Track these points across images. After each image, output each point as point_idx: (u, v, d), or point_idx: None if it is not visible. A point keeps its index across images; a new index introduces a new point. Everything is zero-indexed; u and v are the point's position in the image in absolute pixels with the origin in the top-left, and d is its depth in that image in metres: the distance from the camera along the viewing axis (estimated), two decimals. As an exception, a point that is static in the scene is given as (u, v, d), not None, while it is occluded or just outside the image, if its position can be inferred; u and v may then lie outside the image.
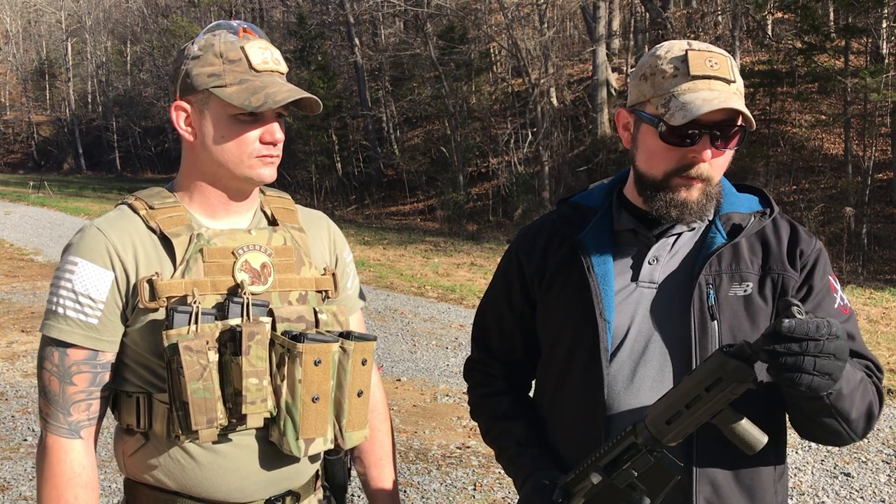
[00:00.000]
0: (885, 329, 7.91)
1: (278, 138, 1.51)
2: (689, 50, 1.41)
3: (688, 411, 1.27)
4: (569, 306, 1.53)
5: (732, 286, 1.45)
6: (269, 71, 1.49)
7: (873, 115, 15.97)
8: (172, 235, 1.48)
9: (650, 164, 1.46)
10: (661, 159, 1.44)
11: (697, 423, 1.29)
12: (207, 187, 1.54)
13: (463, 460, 4.80)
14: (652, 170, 1.46)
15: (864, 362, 1.47)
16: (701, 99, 1.37)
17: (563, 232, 1.59)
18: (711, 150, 1.41)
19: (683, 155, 1.42)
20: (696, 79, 1.40)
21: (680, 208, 1.44)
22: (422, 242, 16.13)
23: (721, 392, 1.25)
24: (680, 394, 1.29)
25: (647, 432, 1.32)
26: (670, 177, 1.44)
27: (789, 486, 4.37)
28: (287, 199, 1.69)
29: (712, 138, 1.40)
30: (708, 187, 1.45)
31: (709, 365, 1.26)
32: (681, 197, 1.44)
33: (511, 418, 1.65)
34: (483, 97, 24.35)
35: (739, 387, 1.24)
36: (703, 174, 1.43)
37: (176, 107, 1.52)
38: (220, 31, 1.51)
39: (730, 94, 1.40)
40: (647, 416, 1.32)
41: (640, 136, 1.47)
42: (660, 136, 1.42)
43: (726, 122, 1.41)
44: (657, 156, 1.44)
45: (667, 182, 1.44)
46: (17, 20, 50.02)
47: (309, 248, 1.63)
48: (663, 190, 1.45)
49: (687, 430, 1.30)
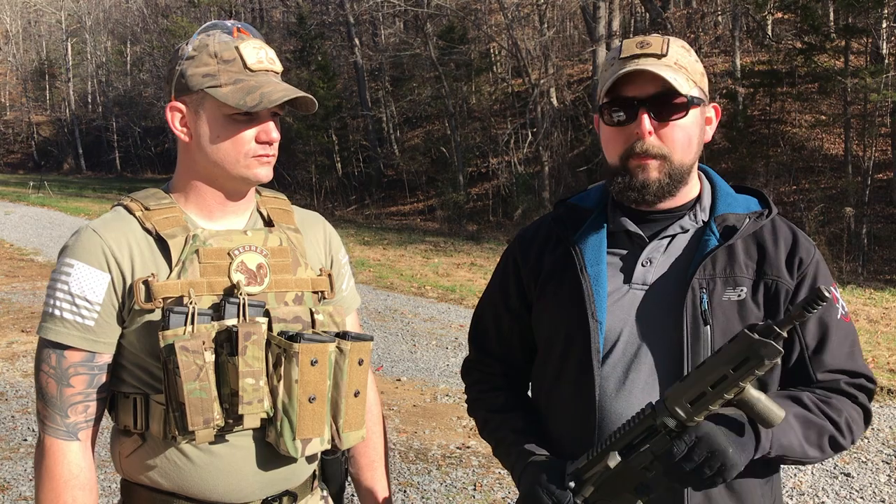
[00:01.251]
0: (885, 329, 7.91)
1: (274, 138, 1.51)
2: (625, 40, 1.47)
3: (713, 391, 1.27)
4: (562, 307, 1.53)
5: (726, 291, 1.44)
6: (263, 70, 1.49)
7: (873, 115, 15.96)
8: (168, 237, 1.48)
9: (607, 153, 1.50)
10: (612, 144, 1.48)
11: (721, 402, 1.28)
12: (204, 188, 1.54)
13: (463, 460, 4.80)
14: (610, 158, 1.49)
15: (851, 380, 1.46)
16: (622, 72, 1.41)
17: (559, 233, 1.60)
18: (651, 122, 1.42)
19: (629, 134, 1.44)
20: (624, 60, 1.44)
21: (639, 190, 1.46)
22: (422, 242, 16.12)
23: (748, 372, 1.24)
24: (705, 375, 1.28)
25: (667, 413, 1.30)
26: (625, 160, 1.46)
27: (790, 486, 4.37)
28: (283, 200, 1.69)
29: (649, 113, 1.42)
30: (667, 165, 1.45)
31: (736, 346, 1.25)
32: (639, 179, 1.45)
33: (509, 410, 1.65)
34: (483, 97, 24.35)
35: (766, 366, 1.24)
36: (651, 149, 1.44)
37: (171, 107, 1.51)
38: (215, 31, 1.51)
39: (657, 66, 1.42)
40: (666, 397, 1.30)
41: (600, 130, 1.52)
42: (603, 121, 1.48)
43: (663, 95, 1.42)
44: (608, 143, 1.49)
45: (625, 166, 1.46)
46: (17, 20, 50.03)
47: (305, 248, 1.63)
48: (622, 175, 1.47)
49: (710, 409, 1.28)
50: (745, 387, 1.26)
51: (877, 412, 5.54)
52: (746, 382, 1.26)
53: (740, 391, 1.27)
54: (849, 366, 1.47)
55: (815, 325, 1.46)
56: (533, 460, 1.49)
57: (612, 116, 1.45)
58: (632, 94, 1.43)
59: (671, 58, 1.43)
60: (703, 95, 1.49)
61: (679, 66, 1.43)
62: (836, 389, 1.46)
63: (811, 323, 1.46)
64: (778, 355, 1.22)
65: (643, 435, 1.33)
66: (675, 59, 1.44)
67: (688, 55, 1.47)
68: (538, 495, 1.40)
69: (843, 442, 1.44)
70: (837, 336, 1.46)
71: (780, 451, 1.36)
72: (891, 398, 5.84)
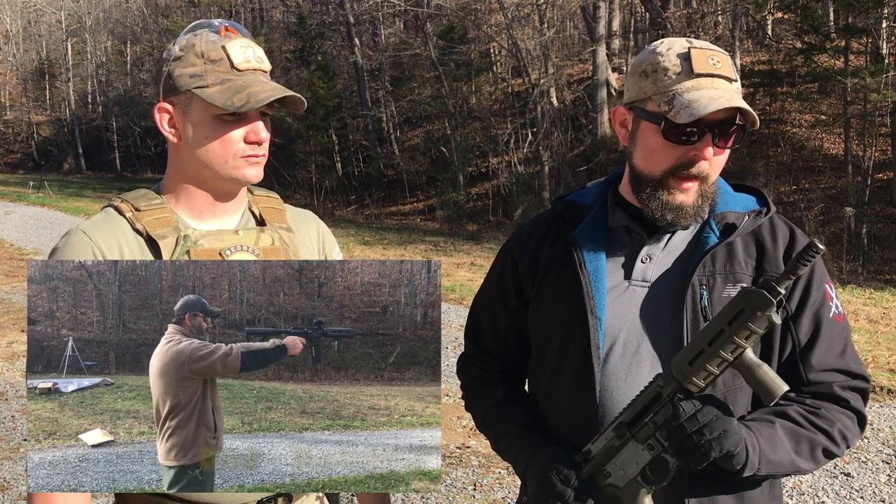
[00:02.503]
0: (885, 329, 7.90)
1: (263, 137, 1.50)
2: (692, 48, 1.41)
3: (710, 349, 1.27)
4: (561, 303, 1.53)
5: (726, 287, 1.44)
6: (251, 69, 1.48)
7: (873, 115, 15.97)
8: (159, 237, 1.47)
9: (649, 161, 1.45)
10: (662, 157, 1.43)
11: (720, 364, 1.28)
12: (194, 188, 1.54)
13: (463, 460, 4.80)
14: (651, 167, 1.45)
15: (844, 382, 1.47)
16: (707, 97, 1.37)
17: (557, 229, 1.59)
18: (713, 148, 1.41)
19: (684, 153, 1.42)
20: (699, 77, 1.40)
21: (675, 211, 1.44)
22: (422, 242, 16.12)
23: (743, 325, 1.25)
24: (703, 334, 1.29)
25: (670, 378, 1.31)
26: (668, 175, 1.43)
27: (790, 485, 4.37)
28: (275, 199, 1.69)
29: (714, 137, 1.40)
30: (704, 187, 1.45)
31: (732, 300, 1.27)
32: (677, 200, 1.44)
33: (508, 404, 1.64)
34: (483, 97, 24.34)
35: (759, 319, 1.24)
36: (703, 172, 1.43)
37: (159, 108, 1.51)
38: (202, 30, 1.50)
39: (733, 93, 1.41)
40: (671, 364, 1.32)
41: (640, 134, 1.47)
42: (662, 133, 1.41)
43: (727, 121, 1.41)
44: (657, 153, 1.44)
45: (664, 181, 1.44)
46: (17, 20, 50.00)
47: (297, 248, 1.63)
48: (660, 190, 1.44)
49: (710, 372, 1.28)
50: (743, 347, 1.26)
51: (877, 412, 5.54)
52: (743, 340, 1.26)
53: (739, 351, 1.27)
54: (840, 365, 1.47)
55: (809, 322, 1.46)
56: (541, 448, 1.49)
57: (679, 133, 1.40)
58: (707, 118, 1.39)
59: (738, 83, 1.43)
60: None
61: (740, 92, 1.43)
62: (828, 394, 1.46)
63: (804, 319, 1.46)
64: (769, 306, 1.23)
65: (649, 405, 1.33)
66: (738, 84, 1.43)
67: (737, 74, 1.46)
68: (551, 479, 1.40)
69: (837, 451, 1.44)
70: (829, 334, 1.47)
71: (769, 470, 1.37)
72: (891, 398, 5.84)
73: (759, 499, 1.49)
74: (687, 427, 1.28)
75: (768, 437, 1.37)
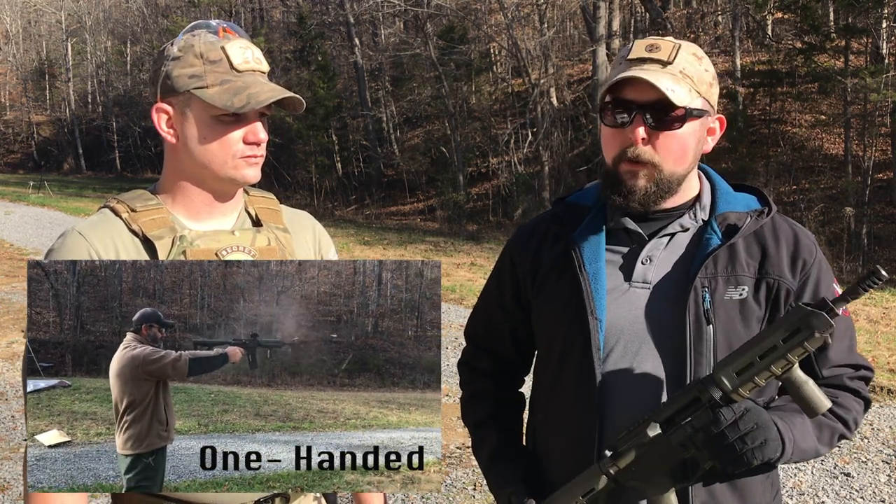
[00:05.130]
0: (885, 329, 7.91)
1: (262, 138, 1.50)
2: (637, 40, 1.46)
3: (761, 363, 1.27)
4: (561, 305, 1.53)
5: (728, 290, 1.44)
6: (250, 70, 1.48)
7: (873, 115, 15.97)
8: (155, 238, 1.47)
9: (605, 153, 1.51)
10: (608, 145, 1.48)
11: (767, 377, 1.28)
12: (191, 189, 1.53)
13: (463, 460, 4.80)
14: (606, 159, 1.50)
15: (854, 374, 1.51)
16: (622, 76, 1.41)
17: (557, 230, 1.60)
18: (645, 129, 1.42)
19: (624, 138, 1.44)
20: (631, 62, 1.43)
21: (625, 196, 1.46)
22: (422, 242, 16.12)
23: (797, 344, 1.25)
24: (754, 345, 1.28)
25: (713, 384, 1.30)
26: (617, 163, 1.46)
27: (790, 485, 4.37)
28: (272, 200, 1.69)
29: (645, 118, 1.42)
30: (656, 174, 1.45)
31: (788, 318, 1.27)
32: (627, 185, 1.46)
33: (487, 426, 1.71)
34: (483, 97, 24.34)
35: (816, 340, 1.24)
36: (642, 156, 1.43)
37: (157, 109, 1.51)
38: (200, 31, 1.50)
39: (658, 74, 1.40)
40: (715, 370, 1.31)
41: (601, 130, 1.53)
42: (601, 120, 1.48)
43: (661, 103, 1.40)
44: (606, 143, 1.49)
45: (616, 169, 1.47)
46: (17, 20, 50.00)
47: (293, 248, 1.63)
48: (610, 177, 1.48)
49: (756, 384, 1.28)
50: (793, 363, 1.26)
51: (877, 412, 5.54)
52: (795, 357, 1.26)
53: (788, 367, 1.27)
54: (850, 360, 1.50)
55: None
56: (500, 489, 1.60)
57: (614, 117, 1.45)
58: (632, 97, 1.42)
59: (677, 66, 1.42)
60: (706, 106, 1.47)
61: (683, 76, 1.42)
62: (841, 385, 1.49)
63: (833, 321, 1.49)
64: (829, 328, 1.23)
65: (686, 408, 1.33)
66: (681, 67, 1.42)
67: (697, 64, 1.45)
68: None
69: (850, 435, 1.50)
70: (839, 331, 1.48)
71: (799, 457, 1.40)
72: (891, 398, 5.84)
73: (761, 496, 1.50)
74: (729, 435, 1.29)
75: (800, 427, 1.40)
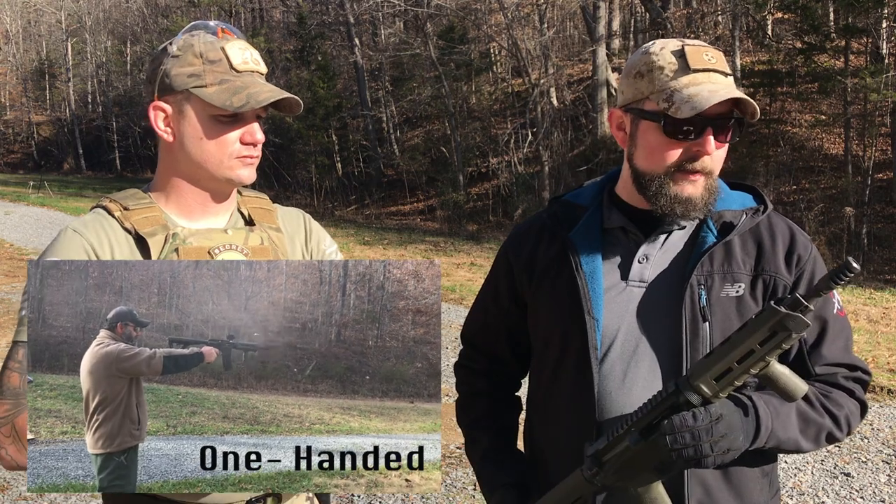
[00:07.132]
0: (885, 329, 7.91)
1: (259, 139, 1.51)
2: (686, 45, 1.43)
3: (739, 367, 1.26)
4: (558, 304, 1.54)
5: (725, 287, 1.45)
6: (249, 71, 1.49)
7: (873, 115, 15.98)
8: (148, 235, 1.48)
9: (652, 160, 1.46)
10: (664, 155, 1.44)
11: (745, 378, 1.28)
12: (185, 187, 1.54)
13: (463, 460, 4.80)
14: (654, 166, 1.45)
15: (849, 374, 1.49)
16: (707, 91, 1.38)
17: (553, 230, 1.60)
18: (715, 142, 1.42)
19: (687, 149, 1.43)
20: (696, 72, 1.41)
21: (684, 204, 1.44)
22: (422, 242, 16.12)
23: (776, 346, 1.24)
24: (730, 350, 1.27)
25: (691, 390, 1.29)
26: (673, 172, 1.44)
27: (790, 485, 4.37)
28: (264, 200, 1.70)
29: (715, 131, 1.41)
30: (709, 181, 1.46)
31: (762, 320, 1.24)
32: (685, 193, 1.44)
33: (480, 427, 1.72)
34: (483, 97, 24.35)
35: (793, 339, 1.24)
36: (707, 167, 1.44)
37: (154, 107, 1.51)
38: (199, 31, 1.51)
39: (730, 87, 1.42)
40: (690, 375, 1.30)
41: (640, 134, 1.47)
42: (664, 131, 1.42)
43: (726, 115, 1.42)
44: (659, 151, 1.44)
45: (669, 178, 1.44)
46: (17, 20, 50.00)
47: (286, 247, 1.64)
48: (668, 185, 1.44)
49: (735, 386, 1.29)
50: (770, 361, 1.26)
51: (877, 412, 5.54)
52: (772, 357, 1.26)
53: (766, 366, 1.27)
54: (845, 359, 1.50)
55: (814, 320, 1.47)
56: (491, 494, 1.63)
57: (680, 128, 1.40)
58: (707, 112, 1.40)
59: (731, 77, 1.44)
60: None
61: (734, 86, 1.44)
62: (835, 383, 1.48)
63: (809, 318, 1.47)
64: (805, 328, 1.22)
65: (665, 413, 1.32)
66: (732, 78, 1.45)
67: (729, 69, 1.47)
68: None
69: (840, 435, 1.47)
70: (834, 330, 1.49)
71: (774, 443, 1.39)
72: (891, 398, 5.84)
73: (758, 495, 1.49)
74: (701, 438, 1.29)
75: (784, 416, 1.39)
